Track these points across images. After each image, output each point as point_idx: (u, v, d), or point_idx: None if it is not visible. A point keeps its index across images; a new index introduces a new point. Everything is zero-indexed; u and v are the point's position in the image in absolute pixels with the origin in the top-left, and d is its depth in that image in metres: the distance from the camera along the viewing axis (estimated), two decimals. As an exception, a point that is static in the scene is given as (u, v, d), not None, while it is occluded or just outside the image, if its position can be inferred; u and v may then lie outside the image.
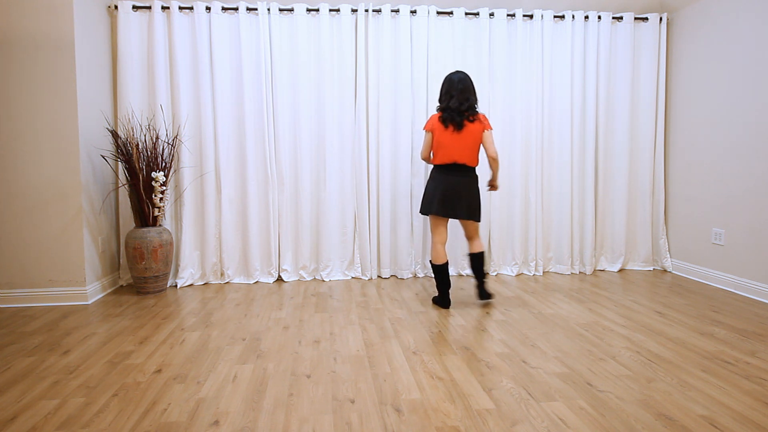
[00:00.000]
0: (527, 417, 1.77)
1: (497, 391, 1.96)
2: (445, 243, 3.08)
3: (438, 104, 3.09)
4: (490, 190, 3.19)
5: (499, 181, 3.93)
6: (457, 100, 2.95)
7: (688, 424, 1.72)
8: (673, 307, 3.10)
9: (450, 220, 3.87)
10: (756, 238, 3.29)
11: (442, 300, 3.11)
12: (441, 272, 3.05)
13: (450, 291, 3.45)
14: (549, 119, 3.97)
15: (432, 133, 3.02)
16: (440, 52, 3.84)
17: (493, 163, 3.02)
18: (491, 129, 3.01)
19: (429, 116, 3.09)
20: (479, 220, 3.05)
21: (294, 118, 3.77)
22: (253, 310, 3.06)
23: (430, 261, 3.08)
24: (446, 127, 2.96)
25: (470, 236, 3.12)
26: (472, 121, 2.95)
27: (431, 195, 3.02)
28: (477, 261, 3.07)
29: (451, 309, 3.07)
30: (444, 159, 2.98)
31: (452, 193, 2.97)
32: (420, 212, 3.11)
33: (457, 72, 3.01)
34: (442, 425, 1.71)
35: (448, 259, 3.11)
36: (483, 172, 3.92)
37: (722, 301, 3.21)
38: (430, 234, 3.92)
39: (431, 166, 3.87)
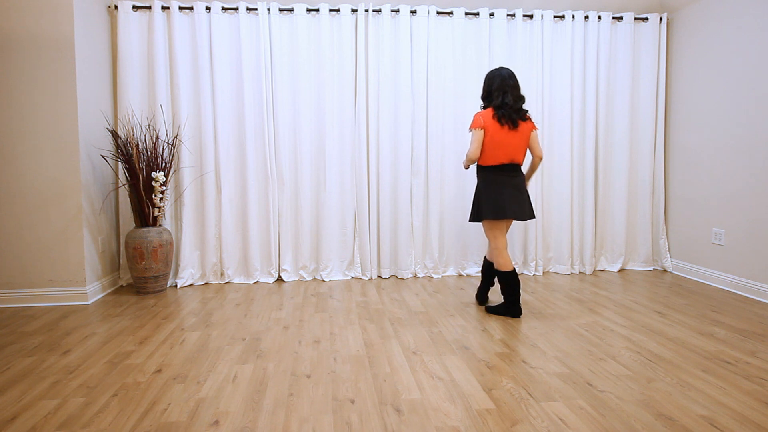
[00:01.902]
0: (527, 417, 1.77)
1: (497, 391, 1.96)
2: (506, 247, 2.92)
3: (484, 102, 2.91)
4: None
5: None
6: (512, 97, 2.80)
7: (688, 424, 1.72)
8: (673, 307, 3.10)
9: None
10: (756, 238, 3.29)
11: (513, 308, 2.88)
12: (513, 278, 2.84)
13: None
14: (549, 119, 3.97)
15: (484, 131, 2.80)
16: (440, 52, 3.84)
17: (539, 162, 2.91)
18: (537, 128, 2.90)
19: (474, 114, 2.84)
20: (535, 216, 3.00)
21: (294, 118, 3.77)
22: (253, 310, 3.06)
23: (498, 270, 2.86)
24: (502, 125, 2.78)
25: None
26: (525, 120, 2.83)
27: (498, 199, 2.81)
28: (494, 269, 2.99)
29: (451, 309, 3.07)
30: (502, 159, 2.81)
31: (518, 194, 2.83)
32: (478, 220, 2.89)
33: (504, 68, 2.85)
34: (442, 425, 1.71)
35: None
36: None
37: (722, 301, 3.21)
38: (431, 234, 3.92)
39: (434, 168, 3.88)
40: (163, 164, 3.47)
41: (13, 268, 3.17)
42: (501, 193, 2.81)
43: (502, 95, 2.80)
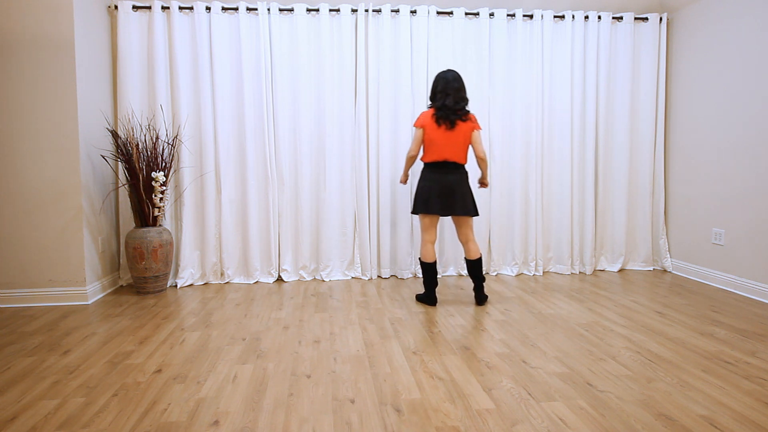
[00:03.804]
0: (527, 417, 1.77)
1: (497, 391, 1.96)
2: (434, 242, 3.12)
3: (429, 102, 3.07)
4: (480, 187, 3.25)
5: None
6: (453, 99, 2.96)
7: (688, 424, 1.72)
8: (673, 307, 3.10)
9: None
10: (756, 238, 3.29)
11: (430, 298, 3.14)
12: (431, 270, 3.09)
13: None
14: (549, 119, 3.97)
15: (423, 129, 2.99)
16: (440, 52, 3.84)
17: (482, 163, 3.05)
18: (480, 129, 3.04)
19: (419, 114, 3.05)
20: (477, 214, 3.06)
21: (294, 118, 3.77)
22: (253, 310, 3.06)
23: (420, 259, 3.12)
24: (439, 125, 2.95)
25: (466, 238, 3.10)
26: (464, 121, 2.97)
27: (426, 194, 3.00)
28: (476, 268, 3.08)
29: (451, 309, 3.07)
30: (435, 157, 2.98)
31: (448, 190, 2.98)
32: (413, 212, 3.09)
33: (450, 71, 3.01)
34: (442, 425, 1.71)
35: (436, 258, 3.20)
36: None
37: (722, 301, 3.21)
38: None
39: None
40: (163, 164, 3.47)
41: (13, 268, 3.17)
42: (431, 190, 2.99)
43: (444, 97, 2.97)
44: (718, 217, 3.60)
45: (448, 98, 2.96)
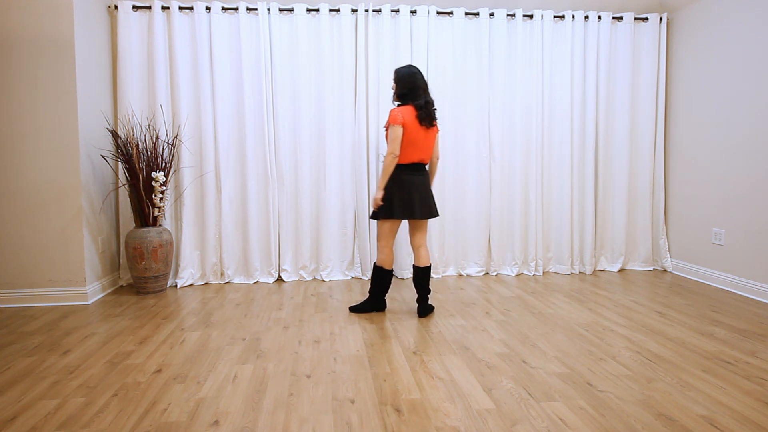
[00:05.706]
0: (527, 417, 1.77)
1: (497, 391, 1.96)
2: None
3: (403, 100, 2.82)
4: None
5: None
6: (428, 96, 2.81)
7: (688, 424, 1.72)
8: (673, 307, 3.10)
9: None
10: (756, 238, 3.29)
11: (379, 303, 3.00)
12: (389, 277, 2.93)
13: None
14: (549, 119, 3.97)
15: (404, 128, 2.73)
16: (440, 52, 3.84)
17: (437, 162, 2.97)
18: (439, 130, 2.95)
19: (392, 110, 2.76)
20: (438, 215, 2.99)
21: (294, 118, 3.77)
22: (253, 310, 3.06)
23: (378, 265, 2.89)
24: (421, 124, 2.75)
25: (420, 243, 2.89)
26: (436, 119, 2.85)
27: (408, 198, 2.77)
28: (425, 276, 2.87)
29: (451, 309, 3.07)
30: (413, 158, 2.79)
31: (426, 193, 2.83)
32: (392, 217, 2.78)
33: (414, 65, 2.83)
34: (442, 425, 1.71)
35: None
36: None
37: (722, 301, 3.21)
38: (431, 234, 3.91)
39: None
40: (163, 164, 3.47)
41: (13, 268, 3.17)
42: (411, 193, 2.78)
43: (425, 94, 2.80)
44: (718, 217, 3.60)
45: (428, 95, 2.80)
